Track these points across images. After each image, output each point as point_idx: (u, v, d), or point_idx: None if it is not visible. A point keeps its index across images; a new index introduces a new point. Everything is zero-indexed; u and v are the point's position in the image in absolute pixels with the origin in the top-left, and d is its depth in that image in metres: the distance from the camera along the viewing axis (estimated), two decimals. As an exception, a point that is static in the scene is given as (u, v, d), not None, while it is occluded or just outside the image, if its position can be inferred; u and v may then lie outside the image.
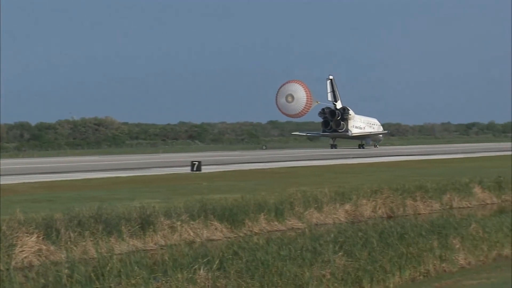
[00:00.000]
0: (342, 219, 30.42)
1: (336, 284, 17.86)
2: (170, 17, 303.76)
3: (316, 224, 28.76)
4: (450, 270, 20.67)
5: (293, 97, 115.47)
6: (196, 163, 50.51)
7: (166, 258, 18.70)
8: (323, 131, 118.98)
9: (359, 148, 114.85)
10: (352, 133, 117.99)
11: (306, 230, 23.93)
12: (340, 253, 19.30)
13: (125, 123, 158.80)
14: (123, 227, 24.46)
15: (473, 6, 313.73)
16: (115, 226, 24.39)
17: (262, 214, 28.23)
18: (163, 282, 17.01)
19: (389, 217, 31.13)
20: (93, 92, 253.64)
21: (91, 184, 40.72)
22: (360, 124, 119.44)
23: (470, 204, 35.79)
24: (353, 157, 71.91)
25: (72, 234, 23.14)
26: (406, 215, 31.62)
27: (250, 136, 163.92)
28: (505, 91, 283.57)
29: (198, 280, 17.19)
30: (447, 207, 34.26)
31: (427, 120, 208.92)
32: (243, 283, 17.24)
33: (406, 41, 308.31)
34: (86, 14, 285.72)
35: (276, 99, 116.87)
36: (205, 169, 50.99)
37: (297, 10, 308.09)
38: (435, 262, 20.62)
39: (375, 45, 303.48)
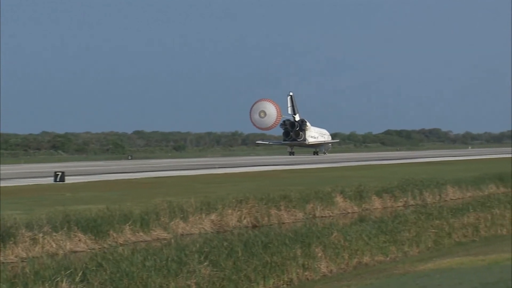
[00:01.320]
0: (208, 229, 30.52)
1: (201, 294, 17.92)
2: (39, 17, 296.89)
3: (182, 235, 28.75)
4: (313, 278, 21.14)
5: (265, 113, 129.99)
6: (60, 173, 49.49)
7: (27, 270, 18.26)
8: (284, 140, 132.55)
9: (314, 154, 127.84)
10: (309, 142, 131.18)
11: (172, 240, 23.89)
12: (205, 263, 19.38)
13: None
14: (-19, 239, 23.68)
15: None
16: (-27, 238, 23.58)
17: (127, 224, 27.97)
18: (24, 295, 16.60)
19: (254, 227, 31.49)
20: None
21: None
22: (314, 134, 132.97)
23: (332, 213, 36.58)
24: (219, 167, 72.27)
25: None
26: (271, 224, 32.04)
27: (115, 146, 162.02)
28: (364, 104, 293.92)
29: (61, 293, 16.88)
30: (310, 216, 34.88)
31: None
32: (107, 295, 17.05)
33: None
34: None
35: (250, 115, 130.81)
36: (68, 179, 50.01)
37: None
38: (298, 270, 21.04)
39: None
